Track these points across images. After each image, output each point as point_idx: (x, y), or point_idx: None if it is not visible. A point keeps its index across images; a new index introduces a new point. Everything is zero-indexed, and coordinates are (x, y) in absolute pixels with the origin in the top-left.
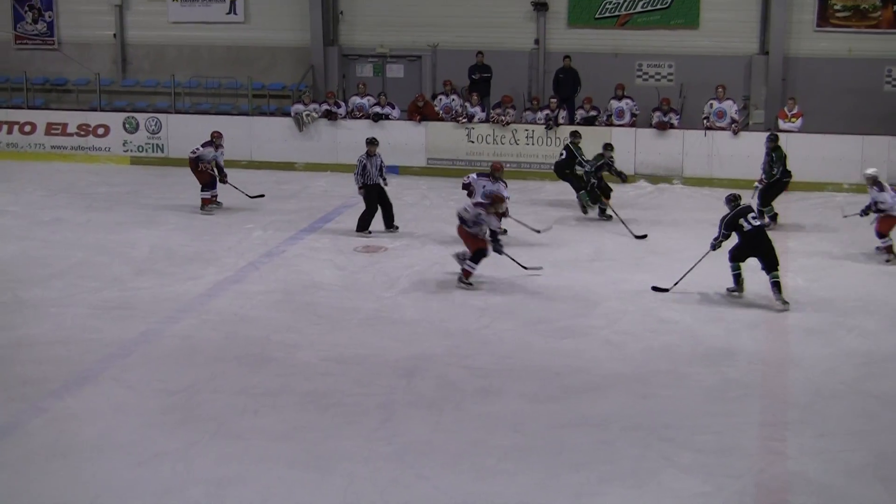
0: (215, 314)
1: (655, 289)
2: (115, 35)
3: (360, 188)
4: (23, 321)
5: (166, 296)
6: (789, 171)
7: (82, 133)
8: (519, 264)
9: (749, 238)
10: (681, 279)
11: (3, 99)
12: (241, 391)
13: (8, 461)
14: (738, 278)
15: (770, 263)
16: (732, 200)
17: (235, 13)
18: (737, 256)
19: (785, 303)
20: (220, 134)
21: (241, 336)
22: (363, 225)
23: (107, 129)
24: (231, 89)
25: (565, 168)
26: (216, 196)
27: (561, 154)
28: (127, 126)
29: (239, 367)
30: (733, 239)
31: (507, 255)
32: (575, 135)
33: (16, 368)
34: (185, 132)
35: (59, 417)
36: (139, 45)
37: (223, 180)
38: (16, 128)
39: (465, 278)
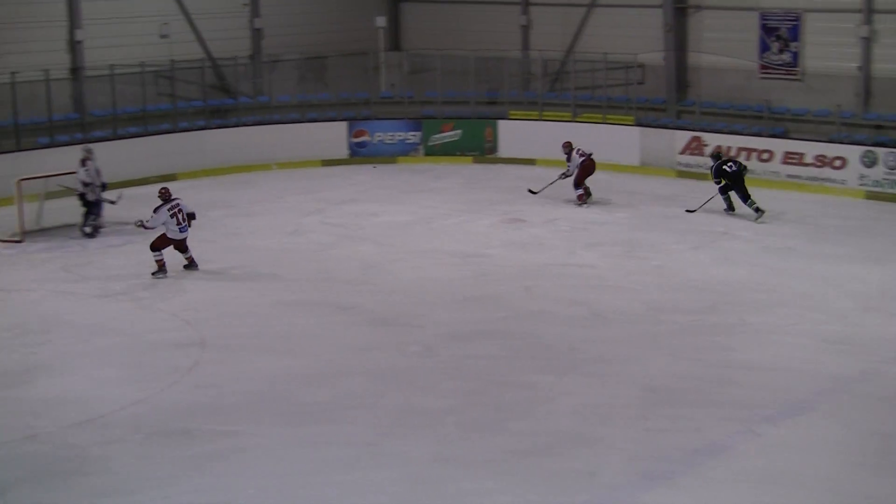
0: None
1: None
2: (859, 67)
3: None
4: (742, 344)
5: (891, 336)
6: None
7: (818, 164)
8: None
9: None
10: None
11: (743, 126)
12: None
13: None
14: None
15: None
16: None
17: None
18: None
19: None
20: None
21: None
22: None
23: (844, 161)
24: None
25: None
26: None
27: None
28: (865, 160)
29: None
30: None
31: None
32: None
33: (732, 390)
34: None
35: (771, 444)
36: (885, 78)
37: None
38: (753, 155)
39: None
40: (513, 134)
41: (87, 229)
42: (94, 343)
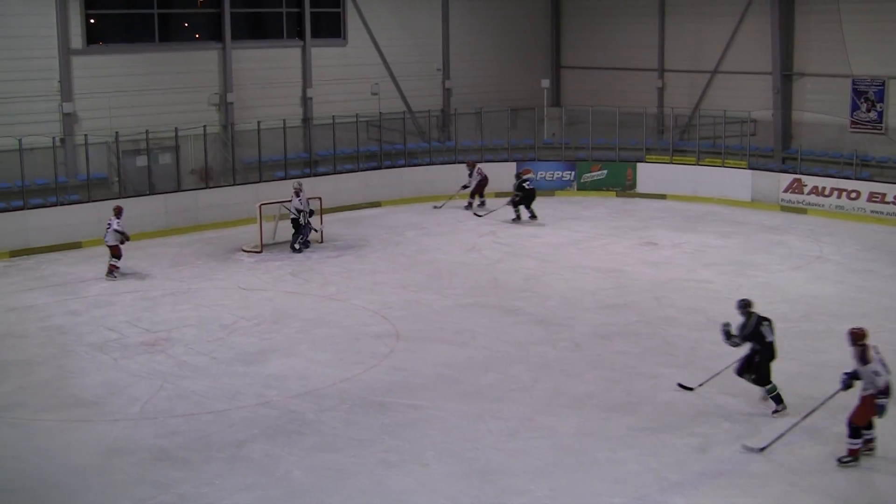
0: None
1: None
2: None
3: None
4: (830, 347)
5: None
6: None
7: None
8: None
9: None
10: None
11: (836, 170)
12: None
13: None
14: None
15: None
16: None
17: None
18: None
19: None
20: None
21: None
22: None
23: None
24: None
25: None
26: None
27: None
28: None
29: None
30: None
31: None
32: None
33: (821, 385)
34: None
35: None
36: None
37: None
38: (844, 194)
39: None
40: (649, 174)
41: (296, 246)
42: (313, 333)
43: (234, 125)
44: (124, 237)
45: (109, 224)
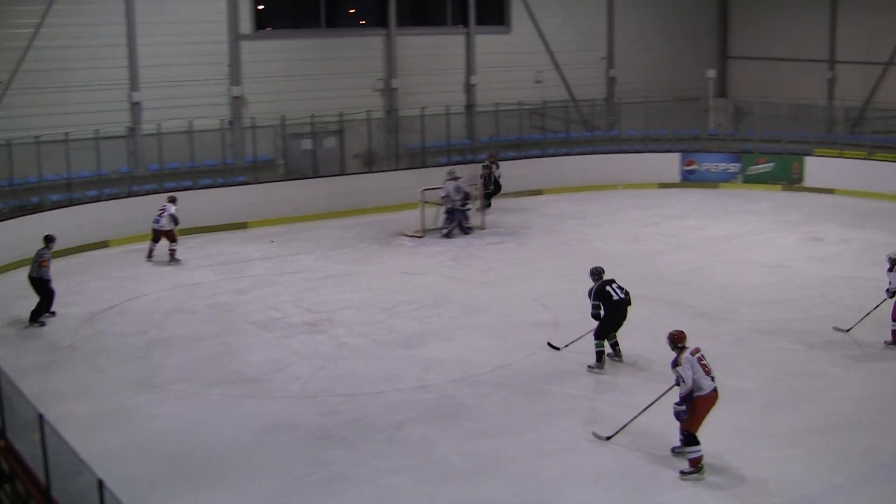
0: None
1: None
2: None
3: None
4: None
5: None
6: None
7: None
8: None
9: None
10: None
11: None
12: None
13: None
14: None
15: None
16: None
17: None
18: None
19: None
20: None
21: None
22: None
23: None
24: None
25: None
26: None
27: None
28: None
29: None
30: None
31: None
32: None
33: None
34: None
35: None
36: None
37: None
38: None
39: None
40: (817, 168)
41: (444, 231)
42: (472, 318)
43: (397, 111)
44: (176, 222)
45: (164, 210)
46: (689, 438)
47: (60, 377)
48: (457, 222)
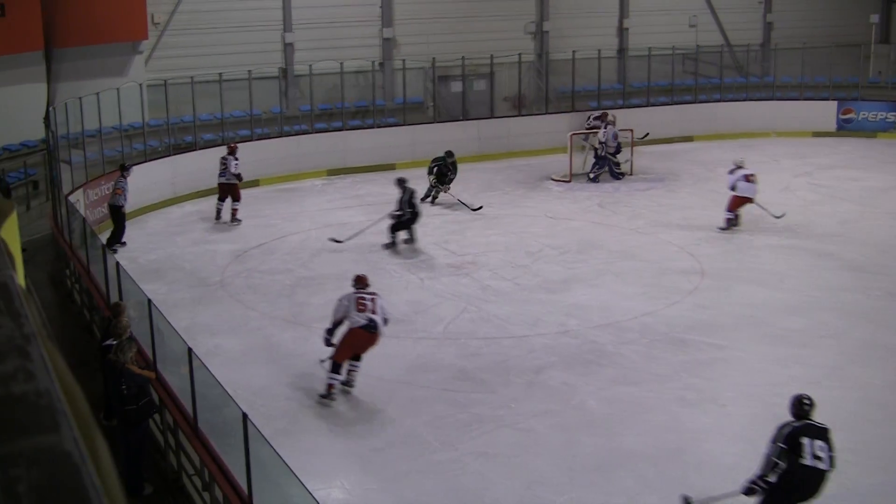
0: None
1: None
2: None
3: None
4: None
5: None
6: None
7: None
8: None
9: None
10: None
11: None
12: None
13: None
14: None
15: None
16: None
17: None
18: None
19: None
20: None
21: None
22: None
23: None
24: None
25: None
26: None
27: None
28: None
29: None
30: None
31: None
32: None
33: None
34: None
35: None
36: None
37: None
38: None
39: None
40: None
41: (591, 175)
42: (618, 265)
43: (548, 54)
44: (240, 178)
45: (226, 163)
46: (334, 366)
47: (209, 312)
48: (607, 167)
